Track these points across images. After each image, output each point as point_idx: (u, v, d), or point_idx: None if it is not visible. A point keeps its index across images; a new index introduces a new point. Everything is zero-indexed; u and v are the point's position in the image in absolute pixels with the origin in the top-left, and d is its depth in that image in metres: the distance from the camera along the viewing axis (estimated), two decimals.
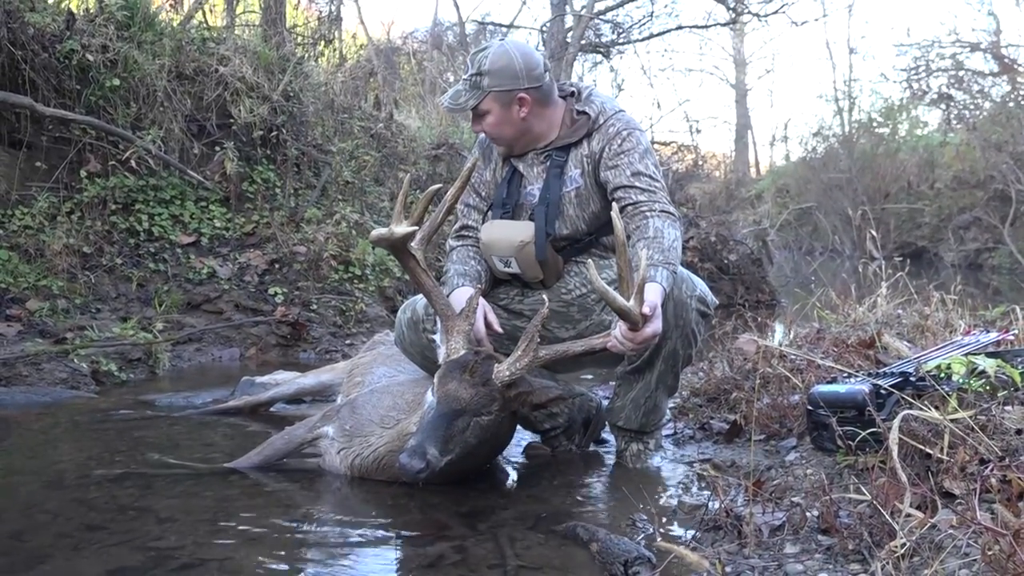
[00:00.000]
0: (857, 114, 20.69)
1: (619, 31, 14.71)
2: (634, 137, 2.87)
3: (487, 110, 2.88)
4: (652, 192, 2.79)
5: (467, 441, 2.49)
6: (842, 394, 2.50)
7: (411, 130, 9.36)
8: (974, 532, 1.76)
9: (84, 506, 2.53)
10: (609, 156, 2.87)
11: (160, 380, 4.85)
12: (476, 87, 2.86)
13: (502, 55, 2.85)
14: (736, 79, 28.98)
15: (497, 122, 2.89)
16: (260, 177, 6.79)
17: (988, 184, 15.27)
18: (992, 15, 20.47)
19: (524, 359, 2.54)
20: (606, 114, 2.93)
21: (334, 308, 6.10)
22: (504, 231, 2.95)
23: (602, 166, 2.88)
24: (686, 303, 2.76)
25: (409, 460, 2.35)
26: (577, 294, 3.02)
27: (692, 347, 2.87)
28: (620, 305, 2.34)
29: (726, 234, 10.15)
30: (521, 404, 2.60)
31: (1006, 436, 2.21)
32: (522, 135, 2.94)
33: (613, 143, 2.87)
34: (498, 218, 3.01)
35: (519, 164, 3.02)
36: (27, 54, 5.63)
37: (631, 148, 2.85)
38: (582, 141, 2.93)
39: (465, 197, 3.08)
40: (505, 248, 2.93)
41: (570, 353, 2.58)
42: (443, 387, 2.52)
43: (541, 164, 2.99)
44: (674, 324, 2.74)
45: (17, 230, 5.54)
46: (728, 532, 2.16)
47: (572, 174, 2.94)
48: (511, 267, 2.96)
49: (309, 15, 10.53)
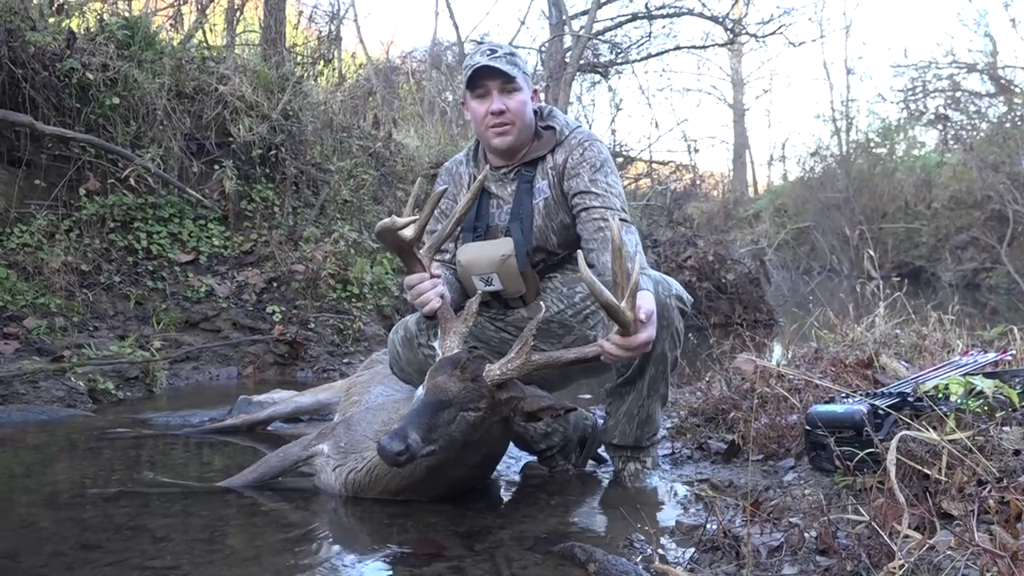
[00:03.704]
0: (854, 134, 20.88)
1: (617, 51, 14.77)
2: (595, 147, 2.97)
3: (521, 87, 2.94)
4: (607, 197, 2.88)
5: (452, 435, 2.47)
6: (840, 414, 2.50)
7: (410, 149, 9.39)
8: (972, 553, 1.75)
9: (79, 525, 2.51)
10: (572, 165, 2.95)
11: (157, 398, 4.84)
12: (514, 64, 2.94)
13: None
14: (734, 99, 29.15)
15: (526, 100, 2.96)
16: (259, 196, 6.80)
17: (985, 204, 15.34)
18: (989, 36, 20.63)
19: (517, 361, 2.54)
20: (569, 127, 3.04)
21: (332, 327, 6.09)
22: (482, 249, 2.98)
23: (565, 175, 2.96)
24: (667, 303, 2.78)
25: (389, 442, 2.34)
26: (556, 310, 3.04)
27: (678, 348, 2.90)
28: (611, 302, 2.33)
29: (724, 253, 10.18)
30: (512, 410, 2.59)
31: (1004, 457, 2.21)
32: (528, 126, 3.00)
33: (575, 153, 2.96)
34: (470, 241, 3.03)
35: (491, 185, 3.06)
36: (27, 72, 5.66)
37: (592, 156, 2.95)
38: (547, 155, 3.00)
39: (433, 225, 3.05)
40: (486, 265, 2.95)
41: (563, 360, 2.57)
42: (432, 379, 2.53)
43: (512, 183, 3.04)
44: (660, 325, 2.75)
45: (16, 248, 5.54)
46: (726, 553, 2.15)
47: (540, 186, 3.01)
48: (492, 284, 2.98)
49: (309, 35, 10.61)
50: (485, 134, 3.00)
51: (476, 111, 2.98)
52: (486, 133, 2.99)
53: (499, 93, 2.93)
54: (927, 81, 19.76)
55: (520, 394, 2.57)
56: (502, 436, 2.75)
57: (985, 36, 21.48)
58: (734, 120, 29.14)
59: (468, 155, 3.19)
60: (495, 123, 2.94)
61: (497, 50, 2.95)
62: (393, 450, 2.33)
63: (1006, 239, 14.34)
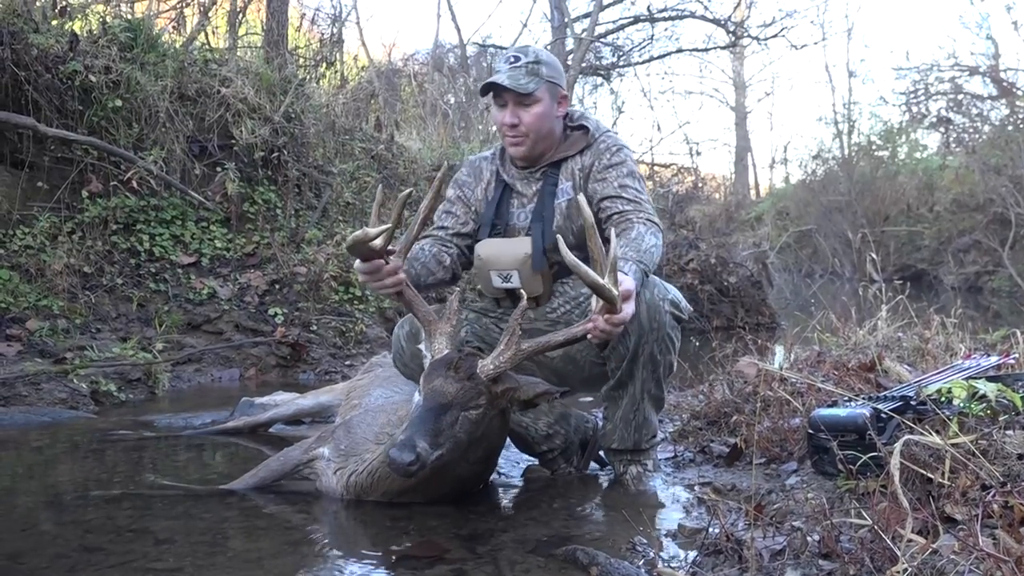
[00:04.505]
0: (857, 137, 20.83)
1: (619, 54, 14.81)
2: (623, 153, 2.97)
3: (539, 99, 2.91)
4: (638, 203, 2.88)
5: (457, 436, 2.47)
6: (843, 418, 2.49)
7: (412, 151, 9.40)
8: (976, 558, 1.74)
9: (81, 527, 2.51)
10: (598, 169, 2.95)
11: (159, 401, 4.84)
12: (535, 74, 2.90)
13: (549, 54, 2.99)
14: (736, 102, 29.16)
15: (543, 113, 2.93)
16: (261, 198, 6.81)
17: (987, 207, 15.31)
18: (991, 39, 20.58)
19: (507, 352, 2.54)
20: (600, 131, 3.03)
21: (334, 329, 6.10)
22: (504, 246, 2.97)
23: (590, 179, 2.95)
24: (659, 306, 2.78)
25: (399, 454, 2.33)
26: (562, 311, 3.05)
27: (670, 352, 2.87)
28: (596, 281, 2.34)
29: (726, 256, 10.17)
30: (509, 401, 2.59)
31: (1008, 461, 2.20)
32: (547, 136, 2.98)
33: (603, 157, 2.96)
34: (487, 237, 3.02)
35: (516, 183, 3.06)
36: (30, 75, 5.67)
37: (619, 163, 2.94)
38: (575, 156, 3.00)
39: (450, 206, 3.12)
40: (507, 262, 2.94)
41: (552, 344, 2.58)
42: (428, 384, 2.52)
43: (537, 182, 3.04)
44: (648, 328, 2.76)
45: (18, 250, 5.55)
46: (729, 556, 2.15)
47: (563, 187, 3.00)
48: (511, 281, 2.96)
49: (311, 37, 10.61)
50: (503, 139, 3.03)
51: (495, 117, 3.01)
52: (504, 139, 3.02)
53: (515, 105, 2.92)
54: (929, 84, 19.74)
55: (515, 384, 2.58)
56: (501, 429, 2.74)
57: (987, 39, 21.44)
58: (736, 123, 29.14)
59: (495, 152, 3.19)
60: (509, 134, 2.96)
61: (520, 58, 2.92)
62: (404, 461, 2.33)
63: (1008, 242, 14.31)
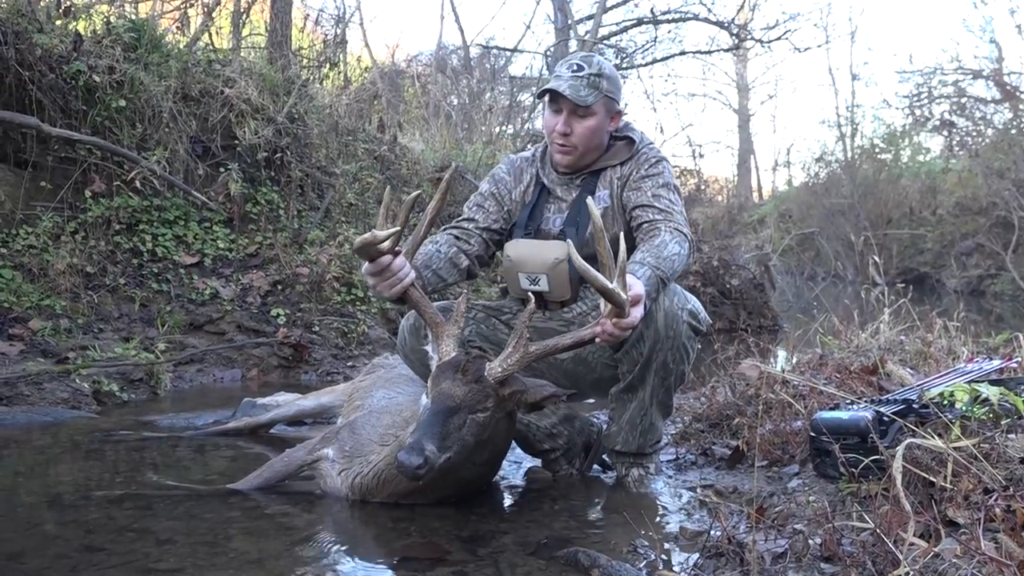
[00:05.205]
0: (859, 140, 20.81)
1: (623, 56, 14.79)
2: (661, 166, 2.99)
3: (595, 112, 2.92)
4: (669, 213, 2.87)
5: (464, 439, 2.47)
6: (845, 421, 2.49)
7: (415, 153, 9.41)
8: (978, 562, 1.74)
9: (83, 527, 2.51)
10: (635, 179, 2.97)
11: (161, 401, 4.84)
12: (595, 87, 2.90)
13: (612, 67, 2.99)
14: (739, 104, 29.17)
15: (597, 127, 2.94)
16: (264, 198, 6.81)
17: (990, 211, 15.29)
18: (994, 42, 20.59)
19: (515, 355, 2.54)
20: (643, 142, 3.05)
21: (336, 330, 6.10)
22: (536, 248, 2.95)
23: (627, 187, 2.97)
24: (677, 315, 2.77)
25: (408, 457, 2.33)
26: (577, 312, 3.04)
27: (684, 363, 2.87)
28: (605, 285, 2.33)
29: (728, 259, 10.16)
30: (516, 403, 2.59)
31: (1010, 465, 2.20)
32: (595, 149, 3.00)
33: (641, 167, 2.98)
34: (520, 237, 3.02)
35: (556, 187, 3.07)
36: (34, 75, 5.67)
37: (656, 174, 2.96)
38: (617, 164, 3.01)
39: (482, 200, 3.12)
40: (538, 265, 2.92)
41: (560, 347, 2.57)
42: (436, 386, 2.52)
43: (576, 188, 3.05)
44: (664, 335, 2.75)
45: (21, 249, 5.55)
46: (730, 559, 2.15)
47: (601, 195, 3.01)
48: (539, 284, 2.94)
49: (314, 38, 10.62)
50: (551, 144, 3.02)
51: (547, 120, 3.00)
52: (551, 145, 3.02)
53: (569, 115, 2.92)
54: (932, 87, 19.73)
55: (522, 387, 2.58)
56: (507, 431, 2.75)
57: (991, 42, 21.48)
58: (739, 125, 29.15)
59: (536, 154, 3.18)
60: (559, 142, 2.96)
61: (584, 68, 2.91)
62: (413, 464, 2.33)
63: (1011, 246, 14.30)
